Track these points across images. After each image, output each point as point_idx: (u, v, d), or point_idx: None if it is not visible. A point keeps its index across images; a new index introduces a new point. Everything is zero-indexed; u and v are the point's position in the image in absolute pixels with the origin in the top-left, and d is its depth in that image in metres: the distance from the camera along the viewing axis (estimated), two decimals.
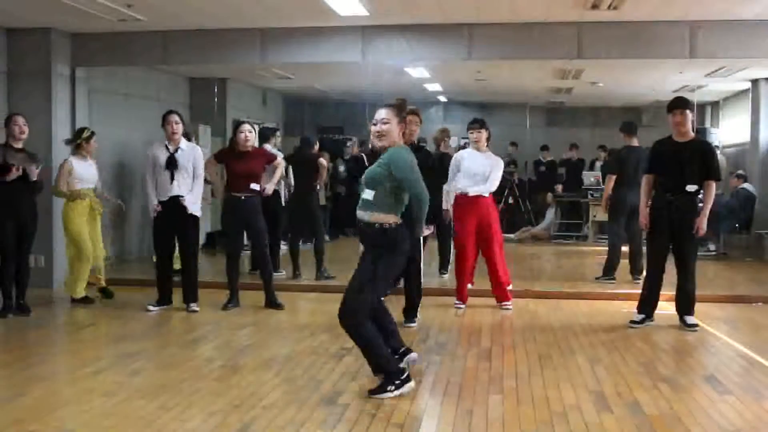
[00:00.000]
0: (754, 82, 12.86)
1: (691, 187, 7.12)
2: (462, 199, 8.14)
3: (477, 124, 8.25)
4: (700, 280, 7.55)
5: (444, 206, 8.39)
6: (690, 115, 7.18)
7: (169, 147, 7.84)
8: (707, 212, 7.13)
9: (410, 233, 5.08)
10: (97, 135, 8.59)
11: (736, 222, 12.46)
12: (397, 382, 5.04)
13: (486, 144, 8.24)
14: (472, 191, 8.06)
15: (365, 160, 7.34)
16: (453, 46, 9.36)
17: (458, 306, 8.22)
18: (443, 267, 10.12)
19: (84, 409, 4.80)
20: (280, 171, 8.64)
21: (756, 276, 10.49)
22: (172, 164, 7.75)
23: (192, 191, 7.86)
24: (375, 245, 5.03)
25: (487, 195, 8.14)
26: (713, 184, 7.20)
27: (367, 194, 5.05)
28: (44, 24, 9.16)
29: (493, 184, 8.16)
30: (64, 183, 8.26)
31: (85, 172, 8.35)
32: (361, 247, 5.21)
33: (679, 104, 7.20)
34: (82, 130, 8.56)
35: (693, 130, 7.30)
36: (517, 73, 13.19)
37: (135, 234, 11.62)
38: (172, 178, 7.76)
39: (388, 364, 5.10)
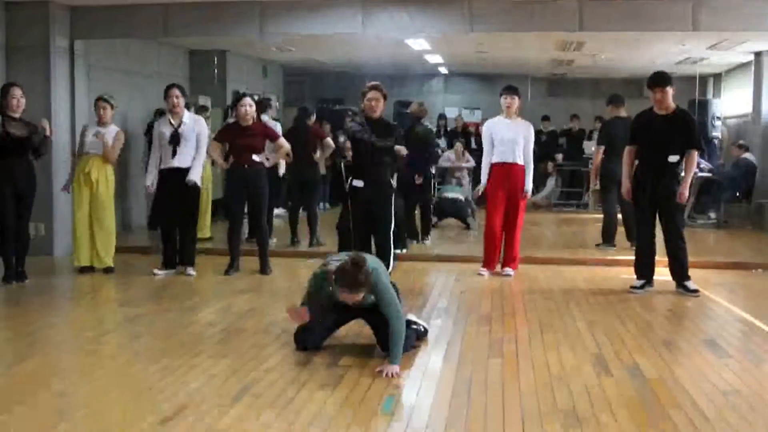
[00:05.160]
0: (757, 54, 12.76)
1: (672, 158, 7.18)
2: (494, 167, 8.15)
3: (510, 90, 8.30)
4: (701, 248, 7.59)
5: (482, 179, 8.32)
6: (671, 91, 7.18)
7: (173, 121, 7.98)
8: (689, 180, 7.23)
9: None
10: (108, 101, 8.18)
11: (737, 191, 12.46)
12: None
13: (516, 112, 8.26)
14: (502, 159, 8.08)
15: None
16: (454, 18, 9.28)
17: (481, 273, 8.19)
18: (425, 234, 10.20)
19: (86, 372, 4.84)
20: (284, 151, 8.61)
21: (756, 244, 10.49)
22: (175, 139, 7.92)
23: (194, 162, 7.96)
24: None
25: (520, 162, 8.12)
26: (695, 153, 7.28)
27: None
28: None
29: (528, 154, 8.17)
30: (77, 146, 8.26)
31: (91, 138, 8.10)
32: None
33: (660, 82, 7.20)
34: None
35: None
36: (518, 45, 13.10)
37: (137, 204, 11.62)
38: (174, 152, 7.94)
39: None
